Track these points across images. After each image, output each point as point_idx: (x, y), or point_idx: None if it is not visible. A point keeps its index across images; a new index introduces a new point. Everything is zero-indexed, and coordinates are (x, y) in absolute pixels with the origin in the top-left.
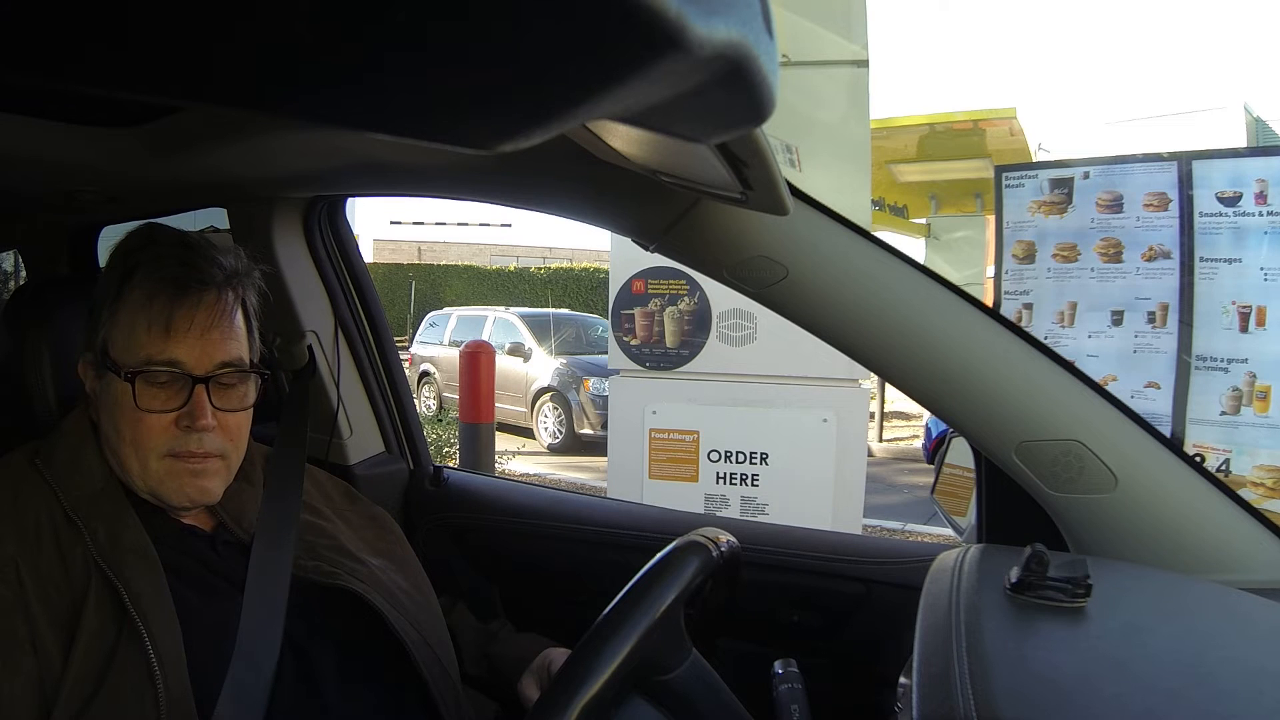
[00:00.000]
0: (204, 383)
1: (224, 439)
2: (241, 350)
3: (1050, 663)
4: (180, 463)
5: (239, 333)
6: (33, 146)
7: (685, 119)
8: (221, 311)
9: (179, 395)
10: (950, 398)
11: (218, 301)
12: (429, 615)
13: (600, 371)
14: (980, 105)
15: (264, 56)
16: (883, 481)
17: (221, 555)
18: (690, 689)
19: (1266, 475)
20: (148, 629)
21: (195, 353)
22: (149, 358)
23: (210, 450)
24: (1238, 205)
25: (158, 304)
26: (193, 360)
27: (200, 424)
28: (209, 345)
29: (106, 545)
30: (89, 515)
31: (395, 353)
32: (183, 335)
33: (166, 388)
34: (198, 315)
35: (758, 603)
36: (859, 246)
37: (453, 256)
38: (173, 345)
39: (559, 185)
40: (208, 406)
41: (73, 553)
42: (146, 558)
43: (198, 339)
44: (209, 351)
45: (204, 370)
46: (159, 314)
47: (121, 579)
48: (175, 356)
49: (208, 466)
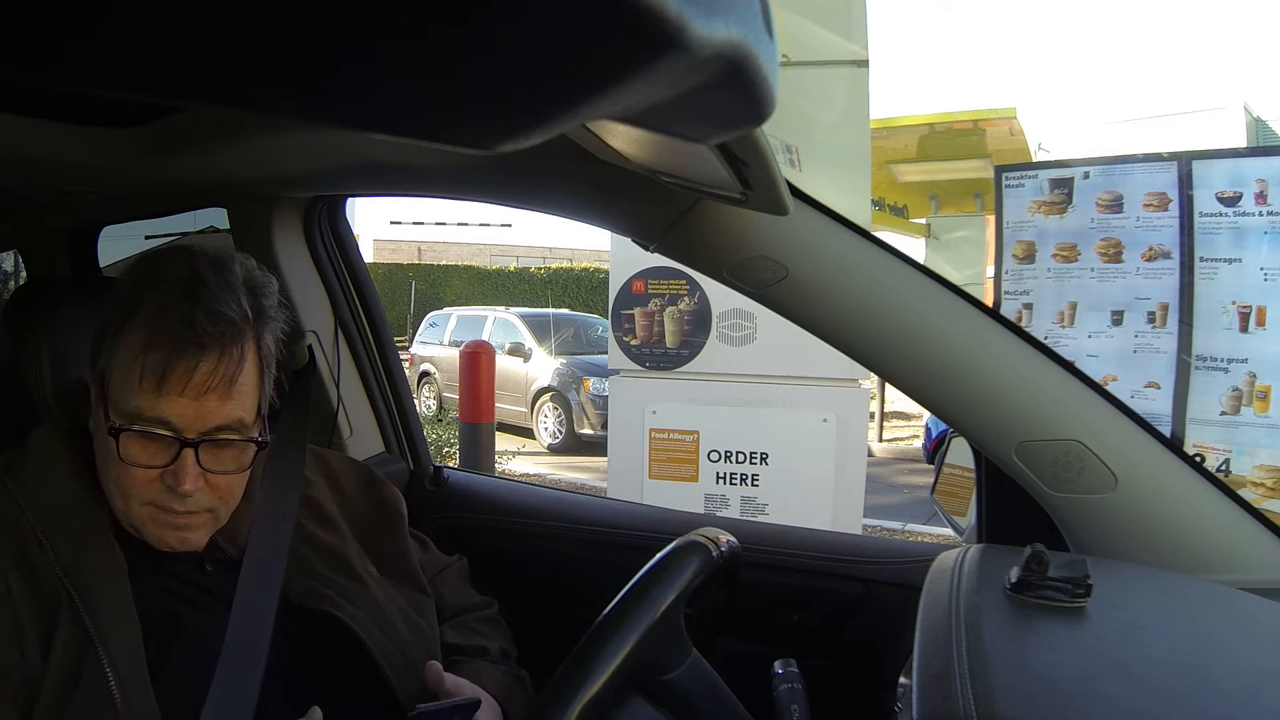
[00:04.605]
0: (194, 446)
1: (213, 497)
2: (243, 410)
3: (1050, 663)
4: (163, 514)
5: (241, 390)
6: (33, 146)
7: (685, 119)
8: (222, 374)
9: (165, 453)
10: (950, 398)
11: (219, 362)
12: (420, 636)
13: (600, 371)
14: (980, 105)
15: (263, 56)
16: (883, 481)
17: (211, 574)
18: (690, 689)
19: (1266, 475)
20: (104, 647)
21: (188, 415)
22: (138, 412)
23: (194, 509)
24: (1238, 205)
25: (153, 357)
26: (184, 422)
27: (183, 489)
28: (203, 410)
29: (70, 562)
30: (55, 533)
31: (395, 353)
32: (175, 396)
33: (154, 443)
34: (194, 378)
35: (758, 603)
36: (859, 246)
37: (453, 256)
38: (164, 404)
39: (559, 185)
40: (192, 470)
41: (42, 570)
42: (111, 575)
43: (191, 401)
44: (202, 415)
45: (195, 433)
46: (153, 368)
47: (83, 596)
48: (165, 416)
49: (191, 521)
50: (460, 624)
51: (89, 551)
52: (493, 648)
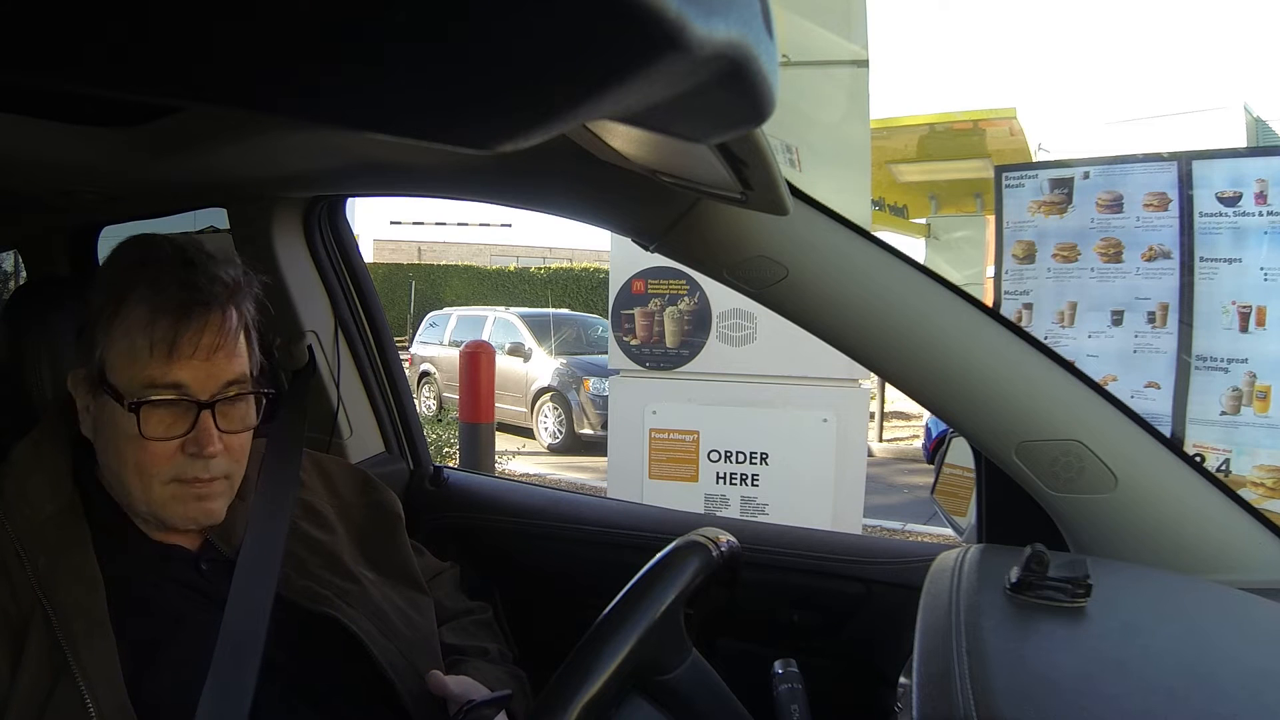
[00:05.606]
0: (209, 407)
1: (229, 461)
2: (244, 366)
3: (1050, 663)
4: (186, 488)
5: (241, 349)
6: (33, 146)
7: (685, 119)
8: (226, 331)
9: (183, 420)
10: (950, 398)
11: (223, 321)
12: (419, 634)
13: (600, 371)
14: (980, 105)
15: (263, 56)
16: (883, 481)
17: (206, 575)
18: (690, 689)
19: (1266, 475)
20: (78, 661)
21: (200, 376)
22: (151, 380)
23: (216, 474)
24: (1238, 205)
25: (160, 327)
26: (198, 384)
27: (208, 451)
28: (214, 367)
29: (46, 573)
30: (32, 545)
31: (395, 353)
32: (187, 359)
33: (171, 412)
34: (203, 338)
35: (758, 603)
36: (859, 246)
37: (453, 256)
38: (177, 369)
39: (559, 185)
40: (214, 432)
41: (18, 582)
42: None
43: (203, 362)
44: (214, 373)
45: (209, 394)
46: (162, 337)
47: (58, 610)
48: (180, 380)
49: (213, 489)
50: (458, 626)
51: (66, 564)
52: (492, 648)
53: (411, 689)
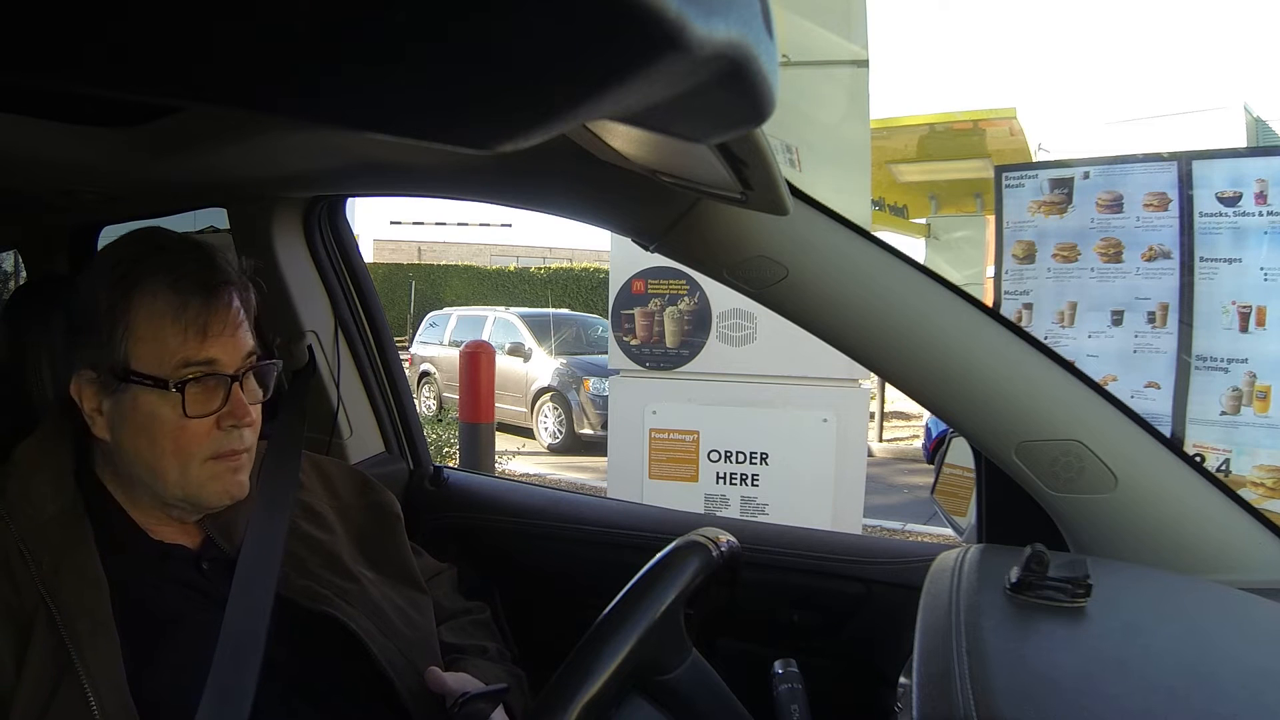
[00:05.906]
0: (238, 379)
1: (251, 432)
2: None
3: (1050, 663)
4: (222, 463)
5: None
6: (33, 146)
7: (685, 119)
8: (245, 307)
9: (218, 394)
10: (950, 398)
11: (242, 298)
12: (419, 632)
13: (600, 371)
14: (980, 105)
15: (263, 56)
16: (883, 481)
17: (206, 574)
18: (690, 689)
19: (1266, 475)
20: (82, 660)
21: (229, 350)
22: (186, 360)
23: (248, 445)
24: (1238, 205)
25: (192, 307)
26: (228, 358)
27: (245, 420)
28: (238, 343)
29: (50, 573)
30: (36, 544)
31: (395, 353)
32: (217, 336)
33: (205, 388)
34: (230, 315)
35: (758, 603)
36: (859, 246)
37: (453, 256)
38: (209, 346)
39: (559, 185)
40: (246, 400)
41: (22, 581)
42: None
43: (230, 337)
44: (238, 348)
45: (235, 367)
46: (194, 318)
47: (61, 609)
48: (213, 356)
49: (243, 461)
50: (456, 625)
51: (69, 564)
52: (491, 647)
53: (411, 687)
